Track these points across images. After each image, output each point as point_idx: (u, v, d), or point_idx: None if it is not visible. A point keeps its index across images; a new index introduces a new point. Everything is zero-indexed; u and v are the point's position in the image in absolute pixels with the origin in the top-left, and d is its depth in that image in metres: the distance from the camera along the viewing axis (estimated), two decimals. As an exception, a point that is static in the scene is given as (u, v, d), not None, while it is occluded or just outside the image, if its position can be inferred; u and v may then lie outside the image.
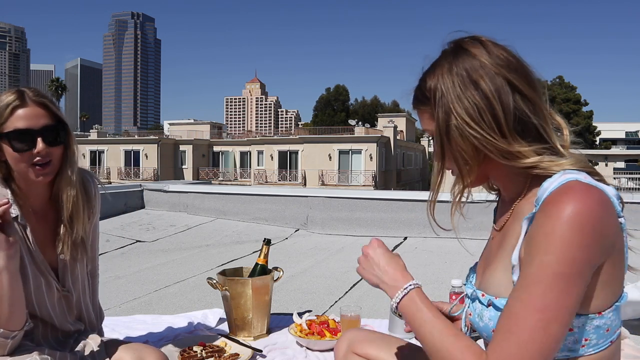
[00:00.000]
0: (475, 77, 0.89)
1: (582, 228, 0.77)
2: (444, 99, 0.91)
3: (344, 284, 3.62)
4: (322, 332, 2.19)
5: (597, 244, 0.79)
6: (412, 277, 1.00)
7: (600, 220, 0.79)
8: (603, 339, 0.87)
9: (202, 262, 4.37)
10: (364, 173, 32.83)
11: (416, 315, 0.95)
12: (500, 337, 0.82)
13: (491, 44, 0.93)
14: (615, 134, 64.02)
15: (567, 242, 0.77)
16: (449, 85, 0.91)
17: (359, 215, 5.92)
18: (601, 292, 0.84)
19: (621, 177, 32.82)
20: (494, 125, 0.89)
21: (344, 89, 63.27)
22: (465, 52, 0.92)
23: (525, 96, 0.89)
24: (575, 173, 0.86)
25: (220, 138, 44.87)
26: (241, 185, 16.79)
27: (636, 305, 2.54)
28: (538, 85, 0.93)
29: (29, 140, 1.32)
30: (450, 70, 0.91)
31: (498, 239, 1.00)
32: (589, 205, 0.78)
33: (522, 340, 0.79)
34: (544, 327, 0.78)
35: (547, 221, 0.80)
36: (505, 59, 0.91)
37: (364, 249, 1.07)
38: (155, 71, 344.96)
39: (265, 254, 2.32)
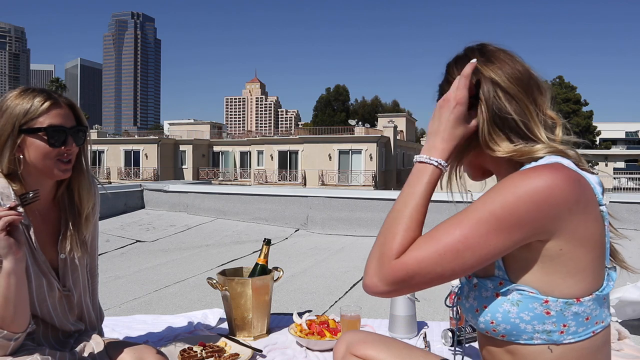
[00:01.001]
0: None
1: (535, 191, 0.81)
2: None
3: (344, 284, 3.62)
4: (322, 332, 2.19)
5: (549, 209, 0.82)
6: (449, 155, 0.99)
7: (563, 197, 0.82)
8: (583, 327, 0.88)
9: (202, 262, 4.37)
10: (364, 173, 32.83)
11: (413, 182, 0.98)
12: (424, 239, 0.88)
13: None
14: (615, 134, 64.01)
15: (516, 194, 0.82)
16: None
17: (359, 215, 5.92)
18: (572, 277, 0.86)
19: (621, 177, 32.84)
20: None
21: (344, 89, 63.25)
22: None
23: (508, 93, 0.94)
24: (559, 158, 0.90)
25: (220, 138, 44.85)
26: (241, 185, 16.78)
27: (636, 306, 2.54)
28: (528, 85, 0.96)
29: (62, 137, 1.40)
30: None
31: None
32: (557, 179, 0.82)
33: (435, 249, 0.85)
34: (458, 248, 0.84)
35: (510, 177, 0.85)
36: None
37: (448, 95, 0.97)
38: (155, 71, 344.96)
39: (266, 254, 2.32)
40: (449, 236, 0.85)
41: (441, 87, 1.05)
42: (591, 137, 49.05)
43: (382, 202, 5.98)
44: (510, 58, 0.97)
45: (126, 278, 3.80)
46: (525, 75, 0.96)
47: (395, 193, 7.19)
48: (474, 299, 0.95)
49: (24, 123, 1.37)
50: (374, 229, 5.77)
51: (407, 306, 2.25)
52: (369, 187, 31.25)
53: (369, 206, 5.96)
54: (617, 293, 2.55)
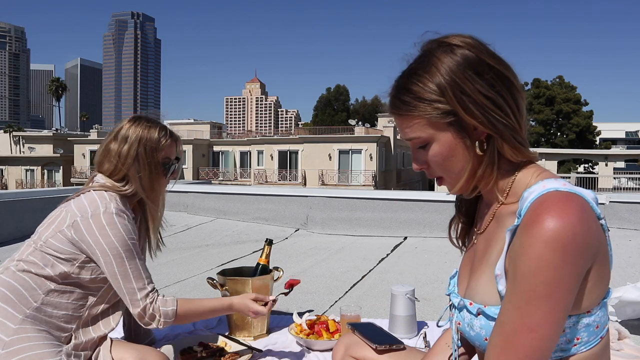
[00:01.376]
0: (480, 70, 0.89)
1: (565, 248, 0.78)
2: (459, 93, 0.88)
3: (344, 284, 3.62)
4: (320, 332, 2.19)
5: (581, 258, 0.80)
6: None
7: (581, 233, 0.79)
8: (593, 336, 0.87)
9: (202, 262, 4.37)
10: (364, 173, 32.81)
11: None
12: (497, 355, 0.83)
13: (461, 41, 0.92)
14: (615, 134, 63.97)
15: (552, 265, 0.78)
16: (461, 77, 0.88)
17: (359, 215, 5.92)
18: (590, 293, 0.85)
19: (621, 177, 32.82)
20: (509, 112, 0.90)
21: (344, 88, 63.21)
22: (454, 47, 0.91)
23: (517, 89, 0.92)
24: (553, 181, 0.87)
25: (220, 138, 44.82)
26: (241, 185, 16.76)
27: (636, 306, 2.54)
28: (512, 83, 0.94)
29: (175, 168, 1.77)
30: (457, 65, 0.89)
31: (482, 244, 1.00)
32: (569, 220, 0.79)
33: (518, 358, 0.81)
34: (537, 345, 0.80)
35: (529, 241, 0.80)
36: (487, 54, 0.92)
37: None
38: (155, 71, 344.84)
39: (267, 254, 2.32)
40: (519, 341, 0.81)
41: (403, 98, 0.94)
42: (591, 137, 49.01)
43: (382, 202, 5.98)
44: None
45: (126, 278, 3.80)
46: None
47: (395, 193, 7.19)
48: (481, 327, 0.92)
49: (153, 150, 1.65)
50: (374, 229, 5.77)
51: (407, 306, 2.25)
52: (369, 187, 31.24)
53: (369, 206, 5.96)
54: (617, 293, 2.55)
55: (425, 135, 0.92)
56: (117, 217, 1.49)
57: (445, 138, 0.91)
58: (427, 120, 0.91)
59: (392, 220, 5.77)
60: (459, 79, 0.88)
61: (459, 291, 1.04)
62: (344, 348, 1.35)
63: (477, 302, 0.94)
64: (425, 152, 0.94)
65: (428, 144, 0.93)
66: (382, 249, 4.88)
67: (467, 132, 0.90)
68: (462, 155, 0.92)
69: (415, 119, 0.92)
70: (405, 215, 5.76)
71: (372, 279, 3.76)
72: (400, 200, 5.94)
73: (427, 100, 0.90)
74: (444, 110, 0.89)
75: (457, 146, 0.92)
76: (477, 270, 0.98)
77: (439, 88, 0.89)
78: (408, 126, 0.94)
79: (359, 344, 1.34)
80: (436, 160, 0.94)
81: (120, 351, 1.49)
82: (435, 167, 0.95)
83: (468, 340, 0.99)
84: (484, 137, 0.91)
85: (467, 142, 0.91)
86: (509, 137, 0.90)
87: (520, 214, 0.85)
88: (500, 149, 0.91)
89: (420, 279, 3.69)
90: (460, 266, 1.08)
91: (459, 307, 1.00)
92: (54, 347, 1.37)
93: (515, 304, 0.81)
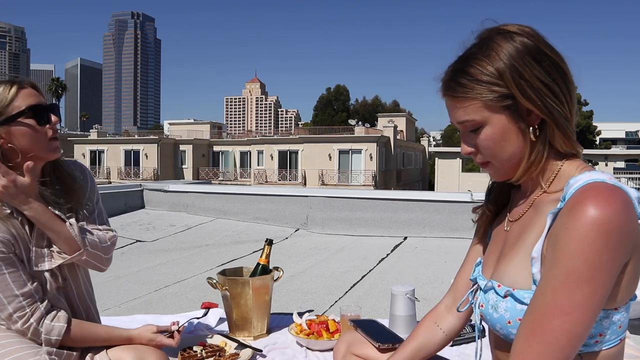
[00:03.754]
0: (538, 57, 0.89)
1: (609, 233, 0.77)
2: (518, 77, 0.89)
3: (344, 284, 3.62)
4: (320, 332, 2.19)
5: (623, 247, 0.79)
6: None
7: (625, 223, 0.78)
8: (615, 335, 0.87)
9: (202, 262, 4.37)
10: (364, 173, 32.82)
11: None
12: (525, 337, 0.82)
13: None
14: (615, 134, 63.95)
15: (594, 247, 0.77)
16: (520, 63, 0.89)
17: (359, 215, 5.92)
18: (625, 288, 0.85)
19: (621, 177, 32.83)
20: (563, 100, 0.90)
21: (344, 88, 63.19)
22: (513, 34, 0.92)
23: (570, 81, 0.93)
24: (599, 173, 0.86)
25: (220, 138, 44.83)
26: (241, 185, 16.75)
27: (636, 305, 2.54)
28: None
29: (44, 115, 1.38)
30: (516, 50, 0.90)
31: (515, 230, 0.99)
32: (615, 207, 0.78)
33: (547, 340, 0.80)
34: (569, 329, 0.79)
35: (573, 223, 0.79)
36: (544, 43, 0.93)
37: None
38: (155, 71, 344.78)
39: (267, 254, 2.32)
40: (551, 324, 0.80)
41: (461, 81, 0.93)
42: (591, 137, 49.01)
43: (382, 202, 5.98)
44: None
45: (126, 278, 3.80)
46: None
47: (395, 193, 7.19)
48: (506, 310, 0.91)
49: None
50: (374, 229, 5.77)
51: (407, 306, 2.25)
52: (369, 187, 31.24)
53: (369, 206, 5.96)
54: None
55: (479, 118, 0.92)
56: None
57: (500, 122, 0.91)
58: (482, 103, 0.91)
59: (392, 220, 5.77)
60: (518, 64, 0.88)
61: (485, 275, 1.03)
62: (346, 345, 1.35)
63: (506, 285, 0.92)
64: (476, 136, 0.94)
65: (480, 127, 0.93)
66: (382, 249, 4.88)
67: (521, 116, 0.90)
68: (514, 140, 0.92)
69: (471, 101, 0.92)
70: (405, 215, 5.76)
71: (372, 279, 3.76)
72: (400, 200, 5.94)
73: (485, 82, 0.90)
74: (501, 94, 0.89)
75: (510, 131, 0.91)
76: (507, 254, 0.97)
77: (497, 71, 0.89)
78: (462, 107, 0.93)
79: (361, 341, 1.34)
80: (487, 144, 0.94)
81: (117, 350, 1.47)
82: (484, 151, 0.95)
83: (488, 323, 0.98)
84: (537, 124, 0.91)
85: (522, 126, 0.91)
86: (562, 125, 0.90)
87: (564, 198, 0.85)
88: (552, 137, 0.91)
89: (420, 279, 3.69)
90: (486, 254, 1.08)
91: (485, 288, 0.99)
92: (32, 349, 1.36)
93: (552, 285, 0.80)
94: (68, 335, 1.40)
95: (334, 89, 63.06)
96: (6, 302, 1.35)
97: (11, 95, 1.35)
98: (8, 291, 1.35)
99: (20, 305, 1.36)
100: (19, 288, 1.36)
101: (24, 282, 1.37)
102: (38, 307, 1.38)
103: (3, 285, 1.34)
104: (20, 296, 1.36)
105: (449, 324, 1.18)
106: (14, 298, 1.35)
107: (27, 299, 1.37)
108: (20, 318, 1.36)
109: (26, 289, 1.37)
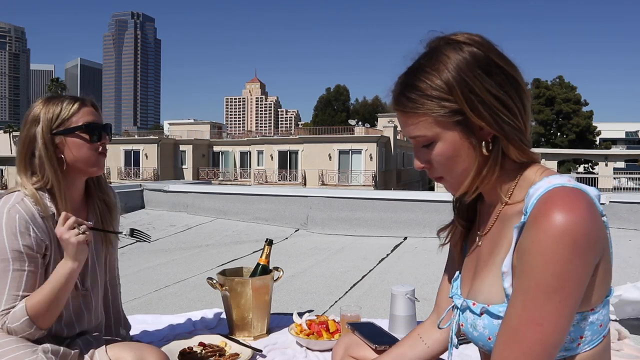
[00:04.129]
0: (488, 69, 0.87)
1: (575, 241, 0.77)
2: (468, 92, 0.86)
3: (344, 284, 3.62)
4: (320, 332, 2.19)
5: (591, 252, 0.79)
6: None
7: (591, 228, 0.78)
8: (597, 335, 0.87)
9: (202, 262, 4.37)
10: (364, 173, 32.81)
11: None
12: (501, 348, 0.83)
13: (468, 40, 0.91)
14: (615, 134, 63.96)
15: (561, 258, 0.77)
16: (469, 76, 0.86)
17: (359, 215, 5.92)
18: (598, 289, 0.85)
19: (621, 177, 32.83)
20: (516, 112, 0.89)
21: (344, 89, 63.23)
22: (462, 44, 0.89)
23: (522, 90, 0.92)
24: (558, 177, 0.86)
25: (220, 138, 44.84)
26: (241, 185, 16.79)
27: (636, 305, 2.54)
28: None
29: (98, 132, 1.53)
30: (465, 63, 0.87)
31: (486, 246, 0.99)
32: (578, 214, 0.78)
33: (522, 351, 0.81)
34: (541, 339, 0.79)
35: (538, 235, 0.79)
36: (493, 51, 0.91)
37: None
38: (155, 71, 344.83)
39: (267, 254, 2.32)
40: (525, 335, 0.80)
41: (410, 96, 0.91)
42: (591, 137, 49.01)
43: (382, 202, 5.98)
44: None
45: (126, 278, 3.80)
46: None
47: (395, 193, 7.20)
48: (484, 327, 0.92)
49: (57, 126, 1.47)
50: (374, 229, 5.77)
51: (407, 306, 2.25)
52: (369, 187, 31.24)
53: (369, 206, 5.96)
54: (618, 292, 2.55)
55: (430, 133, 0.90)
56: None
57: (451, 137, 0.89)
58: (433, 119, 0.89)
59: (392, 220, 5.77)
60: (468, 77, 0.86)
61: (462, 293, 1.03)
62: (343, 348, 1.35)
63: (481, 302, 0.93)
64: (429, 151, 0.93)
65: (432, 143, 0.91)
66: (382, 249, 4.88)
67: (473, 132, 0.89)
68: (467, 155, 0.90)
69: (421, 117, 0.90)
70: (405, 215, 5.76)
71: (372, 279, 3.77)
72: (400, 200, 5.94)
73: (435, 98, 0.88)
74: (451, 109, 0.87)
75: (463, 146, 0.90)
76: (481, 271, 0.97)
77: (446, 85, 0.87)
78: (413, 124, 0.91)
79: (359, 344, 1.35)
80: (440, 159, 0.92)
81: (117, 350, 1.48)
82: (438, 166, 0.94)
83: (472, 341, 0.98)
84: (489, 138, 0.89)
85: (473, 141, 0.89)
86: (515, 139, 0.89)
87: (527, 211, 0.84)
88: (506, 150, 0.90)
89: (420, 279, 3.69)
90: (463, 269, 1.08)
91: (461, 308, 0.99)
92: (27, 348, 1.37)
93: (522, 298, 0.81)
94: (32, 313, 1.36)
95: (334, 89, 63.09)
96: (5, 299, 1.37)
97: (73, 110, 1.49)
98: (14, 289, 1.37)
99: (14, 305, 1.38)
100: (25, 289, 1.39)
101: (33, 285, 1.40)
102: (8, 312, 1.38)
103: (14, 283, 1.37)
104: (21, 297, 1.38)
105: (434, 338, 1.20)
106: (16, 298, 1.37)
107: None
108: (3, 316, 1.37)
109: (30, 293, 1.39)
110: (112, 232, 1.63)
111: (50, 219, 1.45)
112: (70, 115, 1.49)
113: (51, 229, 1.45)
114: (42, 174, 1.47)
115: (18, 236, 1.38)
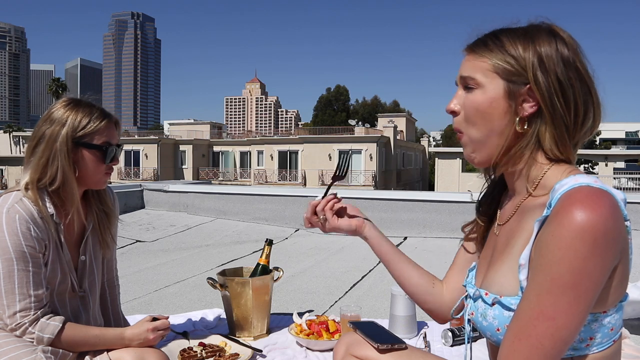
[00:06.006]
0: (568, 65, 0.89)
1: (595, 239, 0.77)
2: (538, 64, 0.89)
3: (344, 284, 3.62)
4: (320, 332, 2.19)
5: (610, 252, 0.79)
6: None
7: (612, 228, 0.78)
8: (607, 338, 0.87)
9: (202, 262, 4.37)
10: (364, 173, 32.82)
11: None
12: (511, 340, 0.83)
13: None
14: (615, 134, 63.95)
15: (579, 255, 0.77)
16: (549, 60, 0.89)
17: (359, 215, 5.91)
18: (615, 292, 0.85)
19: (621, 177, 32.81)
20: (571, 108, 0.89)
21: (344, 89, 63.22)
22: (559, 37, 0.92)
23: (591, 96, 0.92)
24: (585, 176, 0.86)
25: (220, 138, 44.87)
26: (241, 185, 16.78)
27: (636, 305, 2.54)
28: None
29: (113, 154, 1.56)
30: (552, 52, 0.89)
31: (503, 236, 0.99)
32: (601, 213, 0.77)
33: (531, 344, 0.80)
34: (553, 334, 0.79)
35: (558, 230, 0.79)
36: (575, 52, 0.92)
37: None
38: (155, 71, 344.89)
39: (267, 254, 2.32)
40: (535, 329, 0.80)
41: (495, 41, 0.94)
42: (591, 137, 48.92)
43: (382, 202, 5.98)
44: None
45: (126, 278, 3.80)
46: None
47: (395, 193, 7.20)
48: (494, 318, 0.92)
49: (81, 136, 1.48)
50: (374, 229, 5.76)
51: (407, 306, 2.25)
52: (369, 187, 31.25)
53: (369, 206, 5.96)
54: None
55: (480, 78, 0.92)
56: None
57: (494, 91, 0.91)
58: (491, 66, 0.91)
59: (392, 220, 5.77)
60: (546, 56, 0.88)
61: (476, 282, 1.04)
62: (345, 347, 1.35)
63: (493, 292, 0.93)
64: (467, 95, 0.94)
65: (474, 89, 0.93)
66: (382, 249, 4.87)
67: (516, 99, 0.90)
68: (498, 119, 0.92)
69: (483, 60, 0.92)
70: (405, 215, 5.76)
71: (372, 279, 3.77)
72: (400, 200, 5.94)
73: (508, 54, 0.90)
74: (515, 69, 0.89)
75: (499, 106, 0.91)
76: (496, 261, 0.97)
77: (524, 52, 0.89)
78: (470, 62, 0.94)
79: (361, 343, 1.34)
80: (471, 107, 0.94)
81: (117, 350, 1.48)
82: (466, 114, 0.95)
83: (480, 331, 0.98)
84: (527, 115, 0.90)
85: (511, 109, 0.90)
86: (559, 126, 0.89)
87: (550, 204, 0.84)
88: (542, 137, 0.90)
89: (420, 279, 3.69)
90: (479, 259, 1.08)
91: (474, 297, 1.00)
92: (27, 347, 1.37)
93: (537, 291, 0.81)
94: (60, 336, 1.41)
95: (334, 89, 63.09)
96: (18, 299, 1.38)
97: (100, 126, 1.52)
98: (24, 289, 1.39)
99: (28, 305, 1.39)
100: (34, 289, 1.40)
101: (40, 284, 1.42)
102: (37, 314, 1.41)
103: (22, 282, 1.39)
104: (33, 297, 1.40)
105: (439, 292, 1.25)
106: (27, 297, 1.39)
107: (37, 302, 1.40)
108: (22, 317, 1.38)
109: (40, 292, 1.41)
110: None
111: (49, 219, 1.45)
112: (95, 130, 1.50)
113: (50, 229, 1.45)
114: (51, 174, 1.46)
115: (20, 236, 1.38)
